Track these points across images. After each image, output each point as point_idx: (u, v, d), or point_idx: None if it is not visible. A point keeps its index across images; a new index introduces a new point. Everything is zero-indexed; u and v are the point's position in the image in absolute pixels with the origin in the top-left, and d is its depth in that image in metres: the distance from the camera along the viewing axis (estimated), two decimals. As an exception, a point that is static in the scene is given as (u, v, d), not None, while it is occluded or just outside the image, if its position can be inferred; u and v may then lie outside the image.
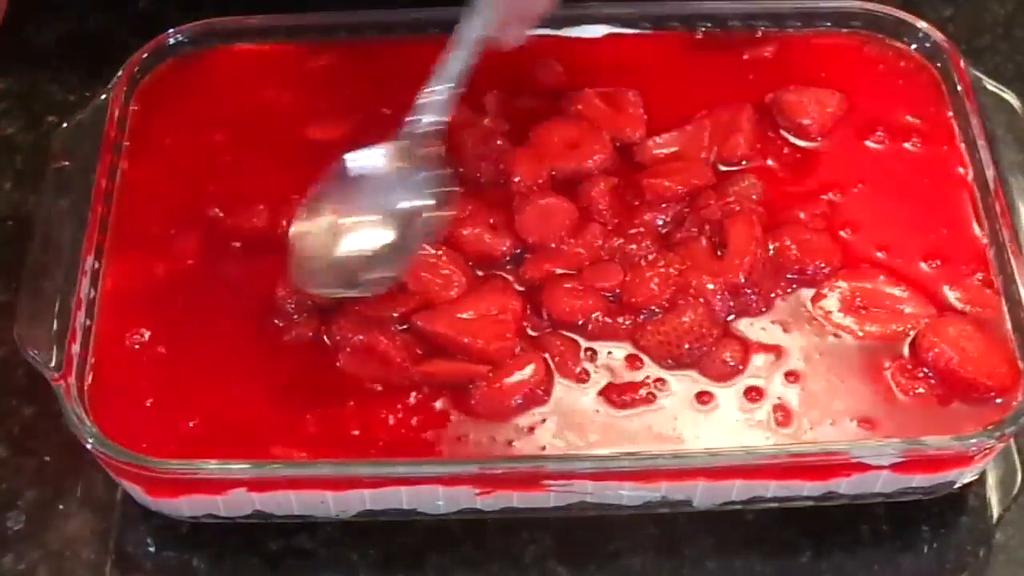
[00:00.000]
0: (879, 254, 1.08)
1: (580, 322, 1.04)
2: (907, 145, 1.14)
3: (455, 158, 1.11)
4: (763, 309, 1.05)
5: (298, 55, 1.19)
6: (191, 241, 1.09)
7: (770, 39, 1.20)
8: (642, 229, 1.08)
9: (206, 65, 1.19)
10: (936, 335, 1.02)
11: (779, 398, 1.01)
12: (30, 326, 1.00)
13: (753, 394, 1.02)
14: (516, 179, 1.10)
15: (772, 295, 1.06)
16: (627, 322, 1.04)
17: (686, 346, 1.03)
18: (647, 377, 1.02)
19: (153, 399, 1.02)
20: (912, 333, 1.03)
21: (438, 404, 1.01)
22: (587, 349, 1.03)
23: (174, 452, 0.98)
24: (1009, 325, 1.04)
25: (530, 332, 1.04)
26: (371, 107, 1.15)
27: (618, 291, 1.05)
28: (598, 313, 1.04)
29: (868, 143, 1.14)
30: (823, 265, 1.07)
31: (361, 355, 1.02)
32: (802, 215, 1.09)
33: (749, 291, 1.05)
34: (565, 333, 1.04)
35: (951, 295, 1.06)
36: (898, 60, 1.19)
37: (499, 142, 1.12)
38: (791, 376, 1.02)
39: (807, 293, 1.06)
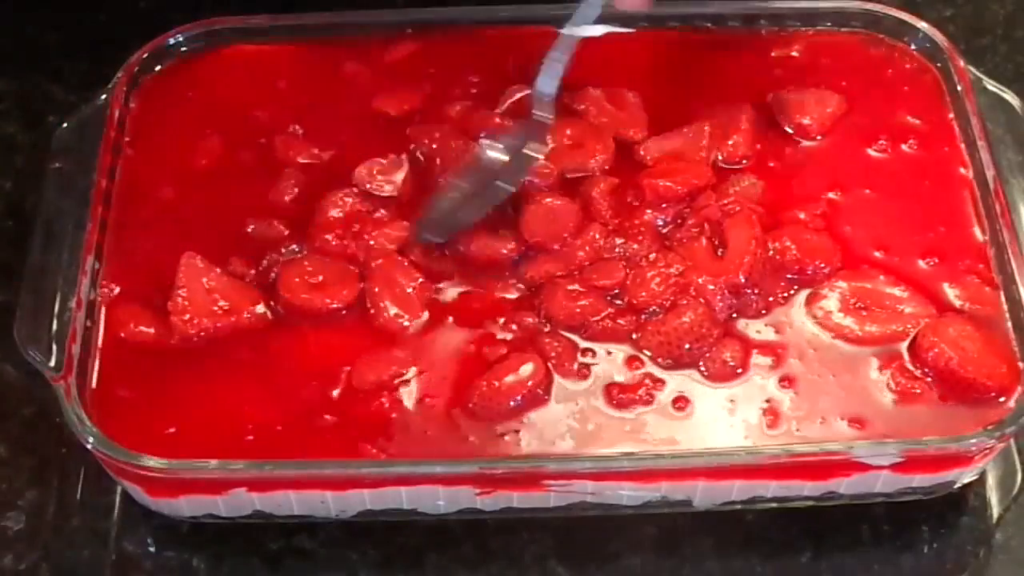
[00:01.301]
0: (879, 254, 1.08)
1: (579, 323, 1.04)
2: (907, 145, 1.14)
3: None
4: (763, 309, 1.05)
5: (301, 55, 1.19)
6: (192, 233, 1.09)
7: (770, 39, 1.20)
8: (642, 229, 1.08)
9: (206, 65, 1.19)
10: (936, 335, 1.02)
11: (779, 398, 1.01)
12: (30, 326, 1.00)
13: (753, 394, 1.02)
14: (517, 180, 1.10)
15: (772, 295, 1.06)
16: (627, 322, 1.04)
17: (686, 346, 1.03)
18: (647, 377, 1.02)
19: (153, 399, 1.02)
20: (912, 333, 1.03)
21: (437, 404, 1.01)
22: (586, 349, 1.03)
23: (174, 452, 0.98)
24: (1009, 324, 1.04)
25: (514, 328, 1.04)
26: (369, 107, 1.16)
27: (618, 291, 1.05)
28: (598, 315, 1.04)
29: (868, 143, 1.14)
30: (823, 265, 1.07)
31: None
32: (802, 215, 1.09)
33: (749, 291, 1.05)
34: (562, 333, 1.04)
35: (951, 293, 1.06)
36: (898, 60, 1.19)
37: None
38: (791, 376, 1.02)
39: (807, 293, 1.06)
